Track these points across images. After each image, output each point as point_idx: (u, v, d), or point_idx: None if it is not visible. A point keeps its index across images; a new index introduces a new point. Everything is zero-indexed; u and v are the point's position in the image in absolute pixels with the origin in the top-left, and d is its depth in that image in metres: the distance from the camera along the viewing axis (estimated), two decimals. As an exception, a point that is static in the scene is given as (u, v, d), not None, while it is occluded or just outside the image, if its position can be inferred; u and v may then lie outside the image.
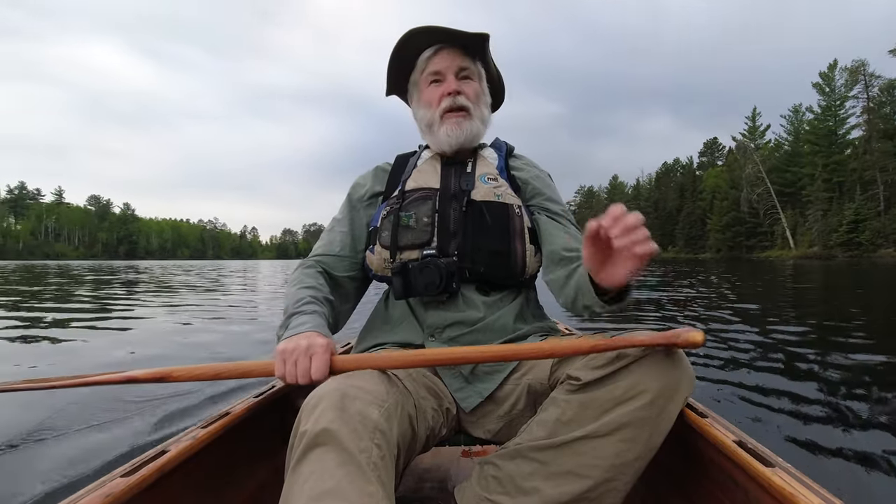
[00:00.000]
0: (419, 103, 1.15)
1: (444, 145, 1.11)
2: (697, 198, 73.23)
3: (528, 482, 0.79)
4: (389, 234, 1.04)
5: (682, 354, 0.78)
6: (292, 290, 0.98)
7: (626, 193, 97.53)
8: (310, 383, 0.76)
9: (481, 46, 1.12)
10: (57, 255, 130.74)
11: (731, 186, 62.05)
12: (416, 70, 1.14)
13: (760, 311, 5.77)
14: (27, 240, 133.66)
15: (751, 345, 3.61)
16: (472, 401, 0.97)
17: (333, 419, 0.65)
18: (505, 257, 1.03)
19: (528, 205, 1.12)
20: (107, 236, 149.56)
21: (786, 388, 2.47)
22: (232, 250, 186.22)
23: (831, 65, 51.75)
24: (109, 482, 0.64)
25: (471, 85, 1.11)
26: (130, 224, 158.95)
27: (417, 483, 1.19)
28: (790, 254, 47.02)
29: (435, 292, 0.98)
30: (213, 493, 0.86)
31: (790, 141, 59.34)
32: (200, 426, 0.84)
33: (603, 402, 0.76)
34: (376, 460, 0.64)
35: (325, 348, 0.78)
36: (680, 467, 0.91)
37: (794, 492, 0.59)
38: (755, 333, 4.08)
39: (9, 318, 5.70)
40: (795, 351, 3.39)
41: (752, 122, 64.12)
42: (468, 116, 1.10)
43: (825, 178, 48.38)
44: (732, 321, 4.65)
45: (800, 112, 58.37)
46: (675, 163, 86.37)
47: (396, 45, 1.09)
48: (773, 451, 0.71)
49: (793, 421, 2.04)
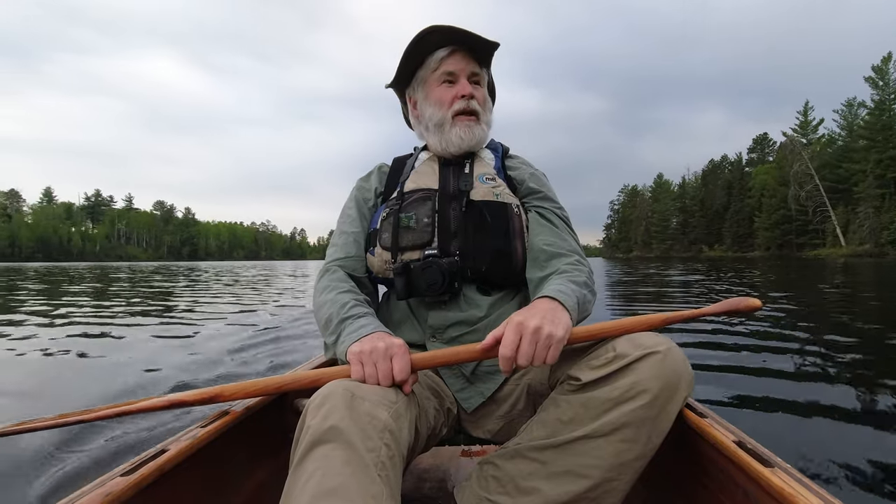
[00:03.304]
0: (427, 101, 1.13)
1: (452, 146, 1.11)
2: (746, 195, 71.92)
3: (528, 482, 0.80)
4: (390, 235, 1.04)
5: (682, 354, 0.78)
6: (330, 297, 0.97)
7: (672, 192, 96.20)
8: (392, 385, 0.75)
9: (490, 55, 1.13)
10: (129, 258, 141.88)
11: (780, 183, 60.87)
12: (425, 67, 1.12)
13: (772, 310, 5.71)
14: (103, 243, 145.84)
15: (752, 345, 3.58)
16: (474, 401, 0.98)
17: (343, 417, 0.64)
18: (506, 256, 1.03)
19: (523, 203, 1.12)
20: (171, 239, 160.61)
21: (786, 389, 2.46)
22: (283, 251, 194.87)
23: (885, 58, 50.31)
24: (109, 481, 0.64)
25: (480, 91, 1.13)
26: (192, 227, 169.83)
27: (417, 483, 1.19)
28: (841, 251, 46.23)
29: (437, 292, 0.98)
30: (212, 492, 0.85)
31: (843, 136, 57.87)
32: (200, 425, 0.83)
33: (603, 402, 0.76)
34: (385, 460, 0.64)
35: (404, 348, 0.78)
36: (680, 467, 0.91)
37: (793, 492, 0.59)
38: (757, 333, 4.06)
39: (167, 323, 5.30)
40: (797, 351, 3.35)
41: (804, 116, 62.54)
42: (478, 121, 1.11)
43: (878, 175, 47.26)
44: (736, 321, 4.64)
45: (853, 106, 56.86)
46: (723, 160, 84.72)
47: (414, 39, 1.08)
48: (772, 452, 0.71)
49: (793, 421, 2.02)
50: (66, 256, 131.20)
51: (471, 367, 0.99)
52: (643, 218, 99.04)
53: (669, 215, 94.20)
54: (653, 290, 9.21)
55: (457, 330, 1.00)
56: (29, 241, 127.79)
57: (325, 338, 0.94)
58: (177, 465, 0.73)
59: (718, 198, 79.74)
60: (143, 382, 2.75)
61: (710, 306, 0.85)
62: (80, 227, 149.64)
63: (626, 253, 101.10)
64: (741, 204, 72.66)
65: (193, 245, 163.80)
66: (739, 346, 3.53)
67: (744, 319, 4.65)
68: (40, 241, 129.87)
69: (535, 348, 0.74)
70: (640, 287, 10.32)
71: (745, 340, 3.72)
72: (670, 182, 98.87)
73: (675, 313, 0.85)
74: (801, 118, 62.99)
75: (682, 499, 0.91)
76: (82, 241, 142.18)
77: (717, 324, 4.29)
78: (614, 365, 0.77)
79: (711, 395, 2.37)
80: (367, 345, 0.78)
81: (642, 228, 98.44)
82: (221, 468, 0.88)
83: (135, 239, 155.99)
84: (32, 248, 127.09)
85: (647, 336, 0.80)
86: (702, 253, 78.55)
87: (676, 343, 0.78)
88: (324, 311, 0.95)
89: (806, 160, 55.86)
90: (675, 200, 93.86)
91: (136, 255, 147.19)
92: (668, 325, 0.84)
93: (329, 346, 0.93)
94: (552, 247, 1.02)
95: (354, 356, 0.78)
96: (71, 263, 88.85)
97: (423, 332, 1.03)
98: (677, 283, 10.91)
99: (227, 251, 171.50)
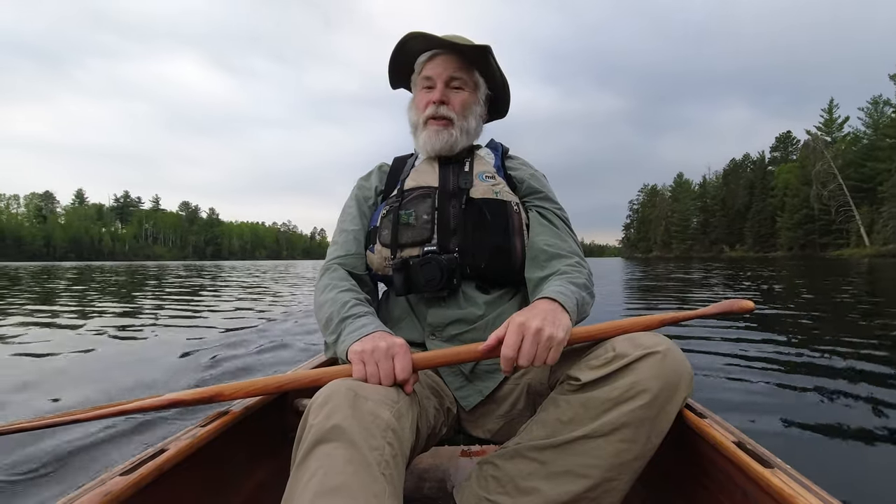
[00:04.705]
0: (412, 104, 1.17)
1: (422, 150, 1.14)
2: (768, 195, 70.83)
3: (528, 482, 0.80)
4: (389, 232, 1.05)
5: (682, 354, 0.78)
6: (331, 296, 0.97)
7: (693, 191, 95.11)
8: (393, 384, 0.75)
9: (481, 57, 1.12)
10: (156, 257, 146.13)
11: (803, 183, 59.91)
12: (415, 71, 1.17)
13: (777, 310, 5.71)
14: (131, 243, 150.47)
15: (753, 345, 3.58)
16: (473, 399, 0.98)
17: (346, 416, 0.64)
18: (505, 253, 1.03)
19: (523, 202, 1.13)
20: (196, 239, 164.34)
21: (786, 389, 2.45)
22: (303, 251, 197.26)
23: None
24: (109, 480, 0.63)
25: (459, 95, 1.11)
26: (216, 227, 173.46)
27: (417, 483, 1.19)
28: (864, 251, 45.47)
29: (436, 288, 0.99)
30: (212, 492, 0.85)
31: (868, 134, 56.70)
32: (200, 424, 0.83)
33: (602, 402, 0.76)
34: (388, 459, 0.64)
35: (405, 348, 0.78)
36: (679, 468, 0.91)
37: (793, 492, 0.59)
38: (760, 333, 4.07)
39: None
40: (798, 351, 3.37)
41: (829, 114, 61.40)
42: (449, 126, 1.10)
43: (903, 174, 46.37)
44: (738, 321, 4.67)
45: (879, 104, 55.67)
46: (745, 158, 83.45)
47: (395, 46, 1.10)
48: (772, 452, 0.71)
49: (793, 421, 2.01)
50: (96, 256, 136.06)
51: (469, 365, 0.99)
52: (663, 218, 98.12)
53: (690, 215, 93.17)
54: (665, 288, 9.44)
55: (456, 328, 1.01)
56: (63, 241, 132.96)
57: (326, 337, 0.94)
58: (176, 465, 0.73)
59: (740, 197, 78.65)
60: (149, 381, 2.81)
61: (705, 308, 0.88)
62: (110, 228, 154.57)
63: (646, 253, 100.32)
64: (763, 203, 71.63)
65: (217, 245, 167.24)
66: (740, 346, 3.55)
67: (745, 320, 4.72)
68: (73, 241, 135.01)
69: (536, 349, 0.75)
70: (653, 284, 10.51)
71: (745, 341, 3.74)
72: (690, 181, 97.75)
73: (671, 314, 0.88)
74: (825, 116, 61.94)
75: (682, 499, 0.91)
76: (112, 241, 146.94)
77: (718, 324, 4.37)
78: (614, 365, 0.77)
79: (711, 395, 2.38)
80: (368, 344, 0.78)
81: (662, 228, 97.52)
82: (221, 468, 0.88)
83: (161, 239, 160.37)
84: (66, 247, 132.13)
85: (646, 336, 0.80)
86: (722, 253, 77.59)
87: (676, 343, 0.78)
88: (324, 311, 0.96)
89: (828, 159, 54.94)
90: (696, 200, 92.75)
91: (163, 254, 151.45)
92: (664, 325, 0.86)
93: (329, 345, 0.93)
94: (552, 247, 1.03)
95: (356, 355, 0.78)
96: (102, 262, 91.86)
97: (423, 329, 1.03)
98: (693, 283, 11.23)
99: (250, 251, 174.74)
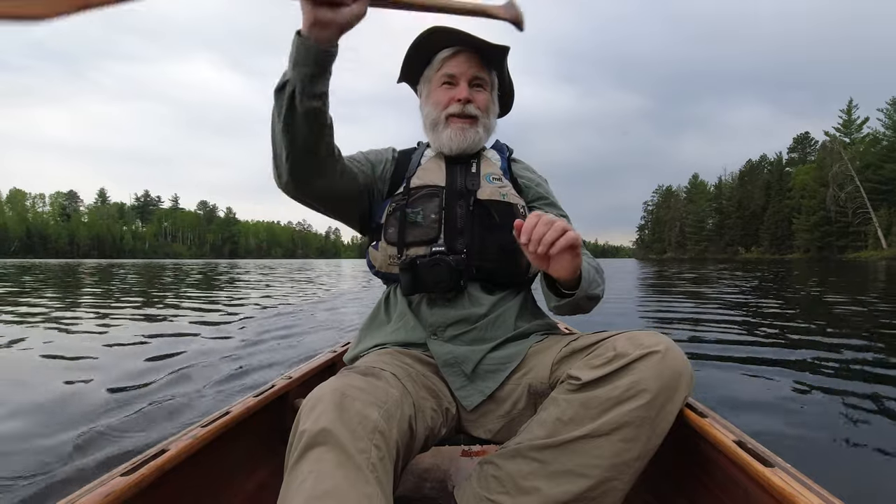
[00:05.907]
0: (427, 100, 1.15)
1: (444, 147, 1.12)
2: (785, 196, 70.05)
3: (529, 482, 0.79)
4: (396, 230, 1.04)
5: (682, 354, 0.78)
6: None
7: (708, 192, 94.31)
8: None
9: (500, 58, 1.12)
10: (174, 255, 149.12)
11: (820, 184, 59.26)
12: (430, 66, 1.14)
13: (779, 311, 5.71)
14: (151, 241, 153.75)
15: (753, 345, 3.59)
16: (474, 399, 0.97)
17: (333, 419, 0.64)
18: (512, 255, 1.03)
19: (530, 206, 1.14)
20: (213, 237, 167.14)
21: (787, 389, 2.46)
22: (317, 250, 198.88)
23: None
24: (109, 481, 0.64)
25: (481, 94, 1.12)
26: (233, 226, 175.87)
27: (417, 483, 1.19)
28: (882, 254, 45.03)
29: (444, 289, 1.00)
30: (212, 492, 0.85)
31: (888, 135, 55.86)
32: (200, 425, 0.83)
33: (603, 402, 0.76)
34: (375, 461, 0.64)
35: None
36: (680, 467, 0.91)
37: (793, 492, 0.59)
38: (761, 333, 4.06)
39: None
40: (799, 352, 3.38)
41: (848, 115, 60.80)
42: (475, 124, 1.11)
43: (922, 175, 45.74)
44: (741, 320, 4.58)
45: (899, 104, 54.90)
46: (762, 160, 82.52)
47: (417, 38, 1.08)
48: (772, 451, 0.71)
49: (793, 421, 2.01)
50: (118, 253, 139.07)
51: (471, 365, 0.98)
52: (677, 219, 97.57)
53: (705, 216, 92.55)
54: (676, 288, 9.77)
55: (457, 328, 1.02)
56: (86, 239, 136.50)
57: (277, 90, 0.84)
58: (177, 465, 0.73)
59: (756, 198, 77.93)
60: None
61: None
62: (131, 226, 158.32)
63: (660, 254, 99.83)
64: (780, 205, 70.94)
65: (234, 243, 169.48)
66: (740, 346, 3.57)
67: (745, 321, 4.70)
68: (96, 238, 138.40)
69: (548, 230, 0.78)
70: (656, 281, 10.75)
71: (746, 341, 3.76)
72: (706, 182, 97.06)
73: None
74: (844, 116, 61.23)
75: (683, 498, 0.91)
76: (133, 239, 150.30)
77: (718, 324, 4.47)
78: (614, 364, 0.77)
79: (712, 394, 2.38)
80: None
81: (676, 229, 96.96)
82: (221, 468, 0.88)
83: (180, 237, 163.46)
84: (89, 245, 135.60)
85: (647, 335, 0.80)
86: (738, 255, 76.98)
87: (676, 343, 0.78)
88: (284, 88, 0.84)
89: (846, 161, 54.38)
90: (711, 201, 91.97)
91: (181, 252, 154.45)
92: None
93: (281, 83, 0.83)
94: None
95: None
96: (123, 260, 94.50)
97: (424, 329, 1.03)
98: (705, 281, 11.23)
99: (266, 250, 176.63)
